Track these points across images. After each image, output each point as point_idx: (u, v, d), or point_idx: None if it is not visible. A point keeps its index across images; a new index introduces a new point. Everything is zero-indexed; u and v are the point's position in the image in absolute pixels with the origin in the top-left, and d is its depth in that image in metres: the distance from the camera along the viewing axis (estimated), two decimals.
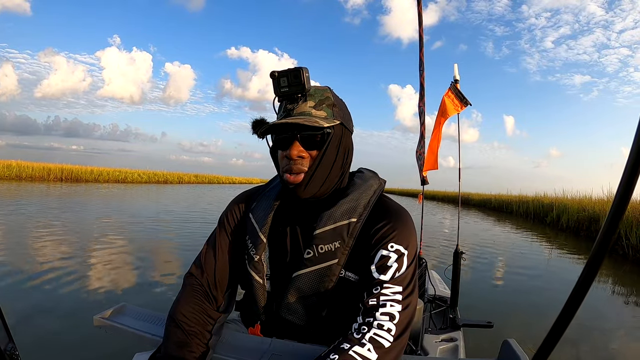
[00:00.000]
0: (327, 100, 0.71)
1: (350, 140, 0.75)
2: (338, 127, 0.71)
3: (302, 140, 0.69)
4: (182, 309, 0.71)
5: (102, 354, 1.93)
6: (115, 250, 4.50)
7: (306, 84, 0.67)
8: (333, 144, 0.70)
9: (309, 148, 0.69)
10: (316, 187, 0.70)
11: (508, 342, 0.66)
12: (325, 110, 0.70)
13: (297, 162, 0.69)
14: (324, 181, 0.70)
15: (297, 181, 0.69)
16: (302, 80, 0.66)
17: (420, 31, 2.10)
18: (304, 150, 0.69)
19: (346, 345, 0.57)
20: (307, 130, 0.68)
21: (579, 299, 0.37)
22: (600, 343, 2.57)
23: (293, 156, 0.68)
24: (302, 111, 0.69)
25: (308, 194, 0.69)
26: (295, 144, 0.68)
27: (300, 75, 0.66)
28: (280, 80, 0.68)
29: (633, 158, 0.32)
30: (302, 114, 0.69)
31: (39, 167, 23.63)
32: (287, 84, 0.67)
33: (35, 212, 7.39)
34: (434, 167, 2.54)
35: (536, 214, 13.77)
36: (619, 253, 6.34)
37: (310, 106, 0.69)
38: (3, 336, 0.46)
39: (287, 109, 0.70)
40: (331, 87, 0.75)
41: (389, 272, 0.64)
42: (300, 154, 0.69)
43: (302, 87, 0.67)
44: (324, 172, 0.70)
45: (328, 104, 0.71)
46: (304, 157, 0.69)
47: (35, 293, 2.87)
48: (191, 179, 42.55)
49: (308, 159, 0.69)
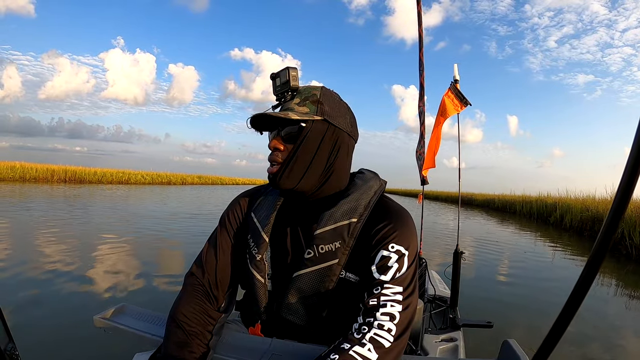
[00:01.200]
0: (312, 97, 0.72)
1: (340, 138, 0.73)
2: (321, 123, 0.71)
3: (283, 134, 0.72)
4: (182, 309, 0.71)
5: (102, 354, 1.94)
6: (117, 251, 4.53)
7: (291, 81, 0.70)
8: (312, 138, 0.71)
9: (286, 141, 0.72)
10: (294, 180, 0.71)
11: (508, 343, 0.66)
12: (308, 107, 0.71)
13: (274, 154, 0.72)
14: (303, 175, 0.71)
15: (273, 171, 0.72)
16: (288, 78, 0.70)
17: (420, 31, 2.10)
18: (282, 144, 0.72)
19: (346, 345, 0.57)
20: (286, 125, 0.71)
21: (579, 299, 0.37)
22: (602, 344, 2.55)
23: (270, 147, 0.73)
24: (286, 107, 0.72)
25: (285, 185, 0.71)
26: (276, 137, 0.72)
27: (287, 74, 0.70)
28: (276, 80, 0.73)
29: (633, 158, 0.32)
30: (285, 110, 0.72)
31: (42, 169, 23.75)
32: (280, 83, 0.72)
33: (38, 213, 7.44)
34: (432, 165, 2.54)
35: (539, 214, 13.73)
36: (622, 253, 6.31)
37: (295, 103, 0.72)
38: (3, 336, 0.46)
39: (276, 106, 0.74)
40: (334, 87, 0.77)
41: (389, 273, 0.64)
42: (276, 146, 0.72)
43: (288, 84, 0.70)
44: (301, 165, 0.71)
45: (312, 100, 0.72)
46: (281, 150, 0.72)
47: (35, 293, 2.89)
48: (194, 180, 42.71)
49: (285, 152, 0.72)
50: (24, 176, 22.19)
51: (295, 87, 0.71)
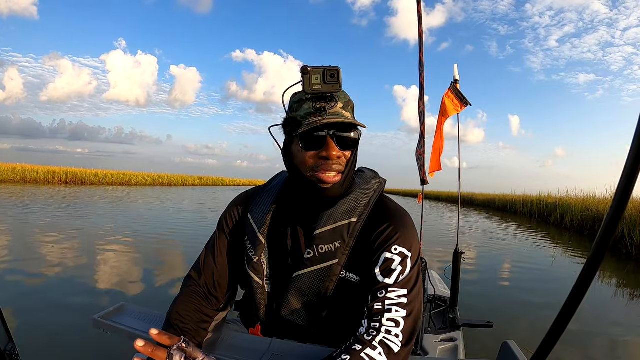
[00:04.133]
0: (351, 103, 0.73)
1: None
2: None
3: (338, 140, 0.68)
4: (177, 309, 0.72)
5: (102, 354, 1.93)
6: (117, 251, 4.53)
7: (341, 84, 0.66)
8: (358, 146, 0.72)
9: (343, 148, 0.69)
10: (344, 188, 0.72)
11: (507, 344, 0.65)
12: (350, 112, 0.72)
13: (335, 161, 0.68)
14: (347, 180, 0.72)
15: (336, 181, 0.68)
16: (339, 80, 0.65)
17: (420, 31, 2.10)
18: (340, 151, 0.68)
19: (358, 347, 0.58)
20: (342, 131, 0.68)
21: (578, 299, 0.37)
22: (602, 344, 2.54)
23: (333, 157, 0.67)
24: (336, 112, 0.68)
25: (338, 193, 0.70)
26: (332, 143, 0.67)
27: (337, 74, 0.65)
28: (313, 77, 0.65)
29: (633, 157, 0.32)
30: (337, 115, 0.68)
31: (43, 170, 23.77)
32: (320, 82, 0.65)
33: (41, 214, 7.45)
34: (438, 168, 2.55)
35: (540, 214, 13.71)
36: (622, 252, 6.29)
37: (340, 107, 0.70)
38: (3, 336, 0.47)
39: (318, 108, 0.68)
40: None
41: (393, 276, 0.64)
42: (339, 154, 0.68)
43: (339, 86, 0.65)
44: (352, 173, 0.73)
45: (352, 106, 0.73)
46: (341, 157, 0.69)
47: (35, 293, 2.89)
48: (195, 181, 42.75)
49: (343, 159, 0.69)
50: (24, 178, 22.22)
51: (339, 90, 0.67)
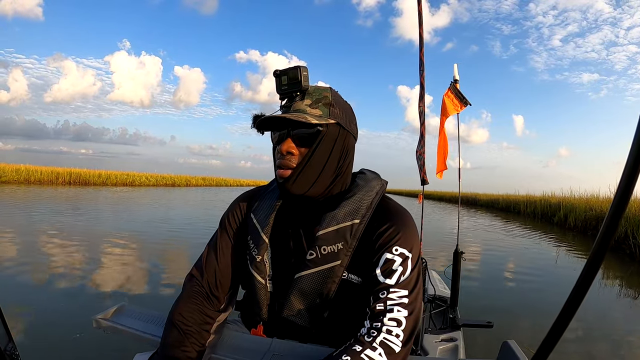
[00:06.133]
0: (324, 100, 0.70)
1: (350, 143, 0.74)
2: (333, 126, 0.70)
3: (294, 136, 0.69)
4: (180, 309, 0.71)
5: (102, 354, 1.94)
6: (116, 251, 4.55)
7: (303, 82, 0.67)
8: (326, 142, 0.69)
9: (300, 145, 0.69)
10: (306, 185, 0.69)
11: (508, 344, 0.65)
12: (321, 109, 0.69)
13: (287, 157, 0.69)
14: (315, 180, 0.69)
15: (285, 176, 0.69)
16: (299, 78, 0.67)
17: (420, 31, 2.10)
18: (295, 147, 0.69)
19: (358, 347, 0.58)
20: (300, 127, 0.68)
21: (579, 299, 0.36)
22: (603, 344, 2.53)
23: (283, 151, 0.69)
24: (297, 108, 0.69)
25: (297, 190, 0.69)
26: (288, 140, 0.69)
27: (298, 73, 0.67)
28: (282, 79, 0.69)
29: (633, 157, 0.31)
30: (297, 111, 0.68)
31: (47, 171, 23.93)
32: (287, 82, 0.69)
33: (42, 214, 7.49)
34: (444, 168, 2.57)
35: (543, 214, 13.65)
36: (626, 252, 6.25)
37: (307, 104, 0.69)
38: (3, 336, 0.47)
39: (283, 106, 0.71)
40: (340, 88, 0.75)
41: (394, 276, 0.64)
42: (290, 150, 0.69)
43: (299, 84, 0.68)
44: (314, 170, 0.69)
45: (325, 102, 0.70)
46: (294, 154, 0.69)
47: (35, 293, 2.90)
48: (199, 181, 42.91)
49: (298, 155, 0.69)
50: (28, 178, 22.37)
51: (306, 88, 0.69)
